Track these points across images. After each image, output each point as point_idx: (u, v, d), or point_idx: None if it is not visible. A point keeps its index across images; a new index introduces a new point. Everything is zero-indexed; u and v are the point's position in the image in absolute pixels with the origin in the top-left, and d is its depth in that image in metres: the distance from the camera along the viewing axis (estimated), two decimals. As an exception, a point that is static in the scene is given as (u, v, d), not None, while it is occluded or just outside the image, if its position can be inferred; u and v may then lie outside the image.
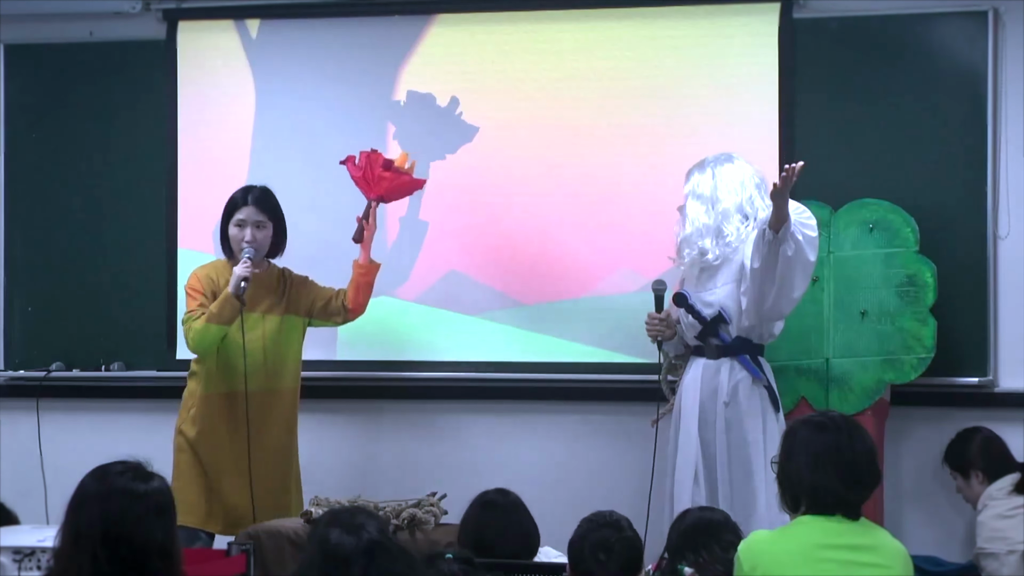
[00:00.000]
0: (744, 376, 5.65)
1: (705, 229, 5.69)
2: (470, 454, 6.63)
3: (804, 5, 6.40)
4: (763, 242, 5.43)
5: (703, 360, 5.72)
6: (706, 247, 5.68)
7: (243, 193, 6.04)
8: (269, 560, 5.67)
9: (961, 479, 6.00)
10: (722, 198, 5.70)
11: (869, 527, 4.06)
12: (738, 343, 5.69)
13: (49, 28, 7.01)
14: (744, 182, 5.74)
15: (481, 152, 6.63)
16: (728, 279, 5.69)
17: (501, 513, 4.75)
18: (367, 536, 3.42)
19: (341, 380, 6.74)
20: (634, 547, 4.12)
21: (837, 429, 4.07)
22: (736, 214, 5.70)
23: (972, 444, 5.99)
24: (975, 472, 5.95)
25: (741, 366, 5.67)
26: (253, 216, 5.99)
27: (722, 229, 5.68)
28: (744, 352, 5.69)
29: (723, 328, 5.69)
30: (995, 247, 6.24)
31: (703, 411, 5.64)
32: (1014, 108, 6.23)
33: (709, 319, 5.69)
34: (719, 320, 5.68)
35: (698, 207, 5.72)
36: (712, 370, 5.68)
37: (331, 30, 6.78)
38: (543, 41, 6.60)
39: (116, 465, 3.45)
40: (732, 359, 5.68)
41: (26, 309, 7.01)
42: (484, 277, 6.61)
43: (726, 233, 5.68)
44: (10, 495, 6.39)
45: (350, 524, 3.44)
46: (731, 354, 5.68)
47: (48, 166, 7.00)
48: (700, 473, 5.59)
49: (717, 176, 5.74)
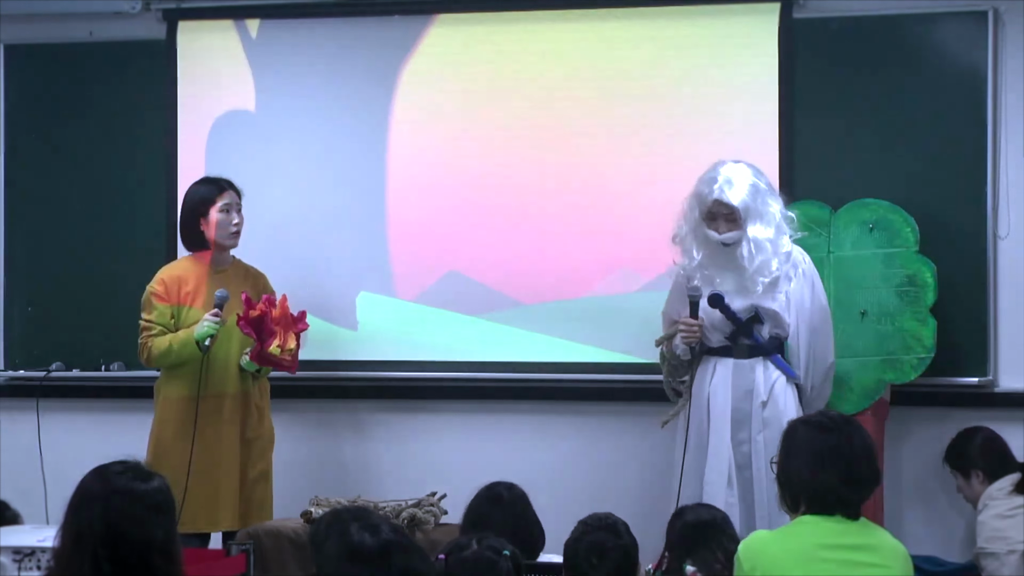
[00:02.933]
0: (780, 376, 5.62)
1: (771, 247, 5.59)
2: (470, 454, 6.62)
3: (804, 5, 6.40)
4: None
5: (732, 360, 5.66)
6: (774, 268, 5.60)
7: (216, 181, 6.09)
8: (269, 560, 5.67)
9: (961, 478, 6.00)
10: (771, 209, 5.62)
11: (869, 527, 4.06)
12: (771, 343, 5.65)
13: (49, 28, 7.01)
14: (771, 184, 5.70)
15: (481, 152, 6.62)
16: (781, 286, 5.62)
17: (506, 507, 4.73)
18: (385, 535, 3.43)
19: (341, 380, 6.74)
20: (628, 552, 4.11)
21: (837, 429, 4.07)
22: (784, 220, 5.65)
23: (973, 444, 5.99)
24: (975, 472, 5.94)
25: (775, 365, 5.63)
26: (237, 200, 6.03)
27: (779, 240, 5.62)
28: (776, 351, 5.65)
29: (757, 328, 5.65)
30: (995, 247, 6.24)
31: (735, 412, 5.58)
32: (1014, 108, 6.23)
33: (744, 319, 5.65)
34: (754, 320, 5.64)
35: (757, 228, 5.58)
36: (744, 370, 5.63)
37: (331, 30, 6.78)
38: (543, 41, 6.60)
39: (116, 465, 3.45)
40: (765, 359, 5.64)
41: (26, 309, 7.01)
42: (484, 277, 6.61)
43: (782, 244, 5.62)
44: (10, 495, 6.39)
45: (369, 522, 3.45)
46: (764, 354, 5.64)
47: (48, 166, 7.00)
48: (733, 476, 5.56)
49: (758, 185, 5.62)
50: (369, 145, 6.71)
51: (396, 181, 6.70)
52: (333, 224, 6.72)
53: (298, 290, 6.42)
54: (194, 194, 6.10)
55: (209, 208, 6.01)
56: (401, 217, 6.69)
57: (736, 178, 5.61)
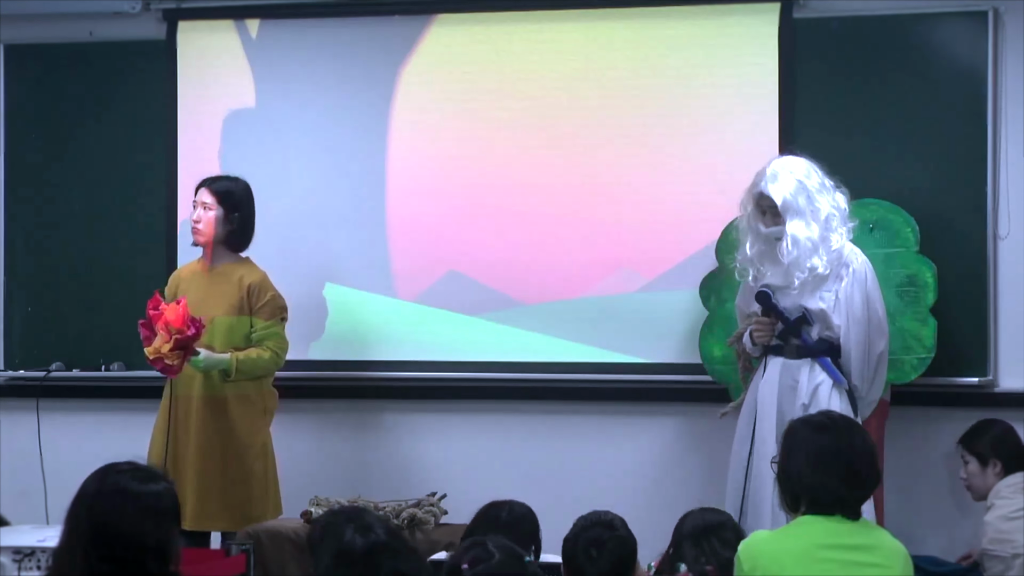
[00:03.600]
0: (825, 379, 5.58)
1: (811, 245, 5.54)
2: (470, 454, 6.63)
3: (804, 5, 6.40)
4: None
5: (781, 359, 5.63)
6: (816, 264, 5.55)
7: (208, 178, 6.15)
8: (269, 560, 5.67)
9: (977, 465, 5.91)
10: (820, 205, 5.58)
11: (869, 527, 4.06)
12: (820, 345, 5.62)
13: (49, 28, 7.01)
14: (823, 181, 5.63)
15: (481, 152, 6.62)
16: (830, 286, 5.59)
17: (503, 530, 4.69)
18: (376, 537, 3.43)
19: (341, 380, 6.74)
20: (626, 546, 4.12)
21: (837, 429, 4.07)
22: (833, 217, 5.60)
23: (996, 432, 5.91)
24: (994, 462, 5.87)
25: (822, 368, 5.61)
26: (203, 198, 6.06)
27: (827, 237, 5.57)
28: (826, 355, 5.61)
29: (806, 329, 5.62)
30: (995, 247, 6.24)
31: (780, 411, 5.54)
32: (1014, 108, 6.23)
33: (793, 320, 5.63)
34: (803, 321, 5.61)
35: (797, 224, 5.54)
36: (792, 370, 5.60)
37: (331, 30, 6.78)
38: (543, 41, 6.60)
39: (122, 464, 3.45)
40: (813, 361, 5.61)
41: (26, 309, 7.01)
42: (484, 277, 6.61)
43: (832, 241, 5.58)
44: (10, 495, 6.41)
45: (361, 524, 3.45)
46: (812, 355, 5.62)
47: (48, 166, 7.00)
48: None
49: (802, 182, 5.58)
50: (369, 145, 6.71)
51: (396, 181, 6.70)
52: (333, 224, 6.72)
53: (297, 290, 6.43)
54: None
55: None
56: (401, 217, 6.69)
57: (783, 173, 5.60)
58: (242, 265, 6.13)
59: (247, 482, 6.01)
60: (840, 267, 5.62)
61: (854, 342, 5.61)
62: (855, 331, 5.60)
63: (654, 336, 6.41)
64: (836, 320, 5.59)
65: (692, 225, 6.39)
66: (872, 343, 5.64)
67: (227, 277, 6.07)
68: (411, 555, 3.50)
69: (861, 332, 5.61)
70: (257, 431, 6.06)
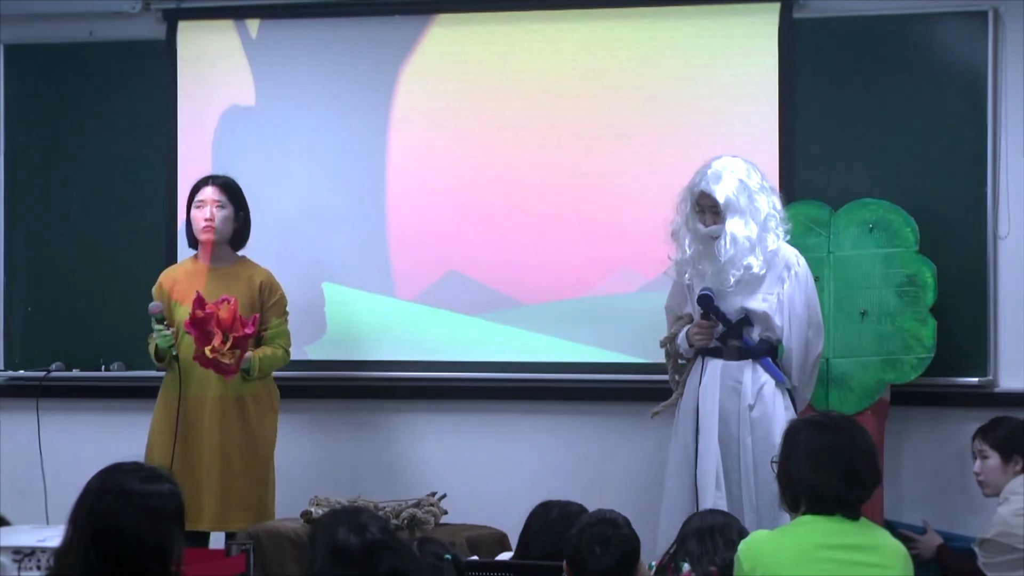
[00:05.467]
0: (768, 379, 5.59)
1: (749, 244, 5.55)
2: (470, 454, 6.63)
3: (804, 5, 6.40)
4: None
5: (720, 361, 5.64)
6: (751, 263, 5.55)
7: (206, 178, 6.15)
8: (269, 560, 5.67)
9: (998, 460, 5.82)
10: (759, 206, 5.58)
11: (869, 527, 4.06)
12: (762, 346, 5.63)
13: (49, 28, 7.01)
14: (763, 183, 5.64)
15: (481, 152, 6.62)
16: (771, 287, 5.60)
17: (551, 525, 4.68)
18: (371, 536, 3.43)
19: (340, 380, 6.74)
20: (629, 543, 4.12)
21: (837, 429, 4.07)
22: (771, 218, 5.61)
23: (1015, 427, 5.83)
24: (1017, 457, 5.80)
25: (764, 369, 5.61)
26: (212, 196, 6.05)
27: (763, 238, 5.58)
28: (766, 355, 5.62)
29: (747, 331, 5.63)
30: (995, 247, 6.24)
31: (723, 413, 5.56)
32: (1014, 108, 6.23)
33: (734, 321, 5.63)
34: (744, 322, 5.62)
35: (736, 223, 5.55)
36: (732, 371, 5.60)
37: (331, 30, 6.78)
38: (543, 41, 6.60)
39: (127, 464, 3.45)
40: (754, 362, 5.62)
41: (26, 309, 7.01)
42: (484, 277, 6.61)
43: (768, 242, 5.59)
44: (10, 495, 6.41)
45: (356, 523, 3.45)
46: (753, 356, 5.63)
47: (48, 166, 7.00)
48: (721, 476, 5.54)
49: (744, 182, 5.58)
50: (369, 145, 6.71)
51: (396, 181, 6.70)
52: (332, 224, 6.72)
53: (297, 289, 6.43)
54: (190, 193, 6.15)
55: (191, 205, 6.08)
56: (401, 217, 6.69)
57: (724, 172, 5.59)
58: (246, 264, 6.14)
59: (265, 481, 6.07)
60: (782, 269, 5.62)
61: (795, 343, 5.62)
62: (796, 332, 5.62)
63: (654, 336, 6.37)
64: (778, 321, 5.60)
65: (692, 225, 6.39)
66: (811, 344, 5.65)
67: (235, 276, 6.07)
68: (409, 554, 3.50)
69: (802, 333, 5.62)
70: (271, 429, 6.11)
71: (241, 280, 6.07)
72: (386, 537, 3.46)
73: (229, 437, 5.98)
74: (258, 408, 6.06)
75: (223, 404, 5.98)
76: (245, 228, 6.16)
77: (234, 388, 5.98)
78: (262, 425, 6.07)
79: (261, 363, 5.97)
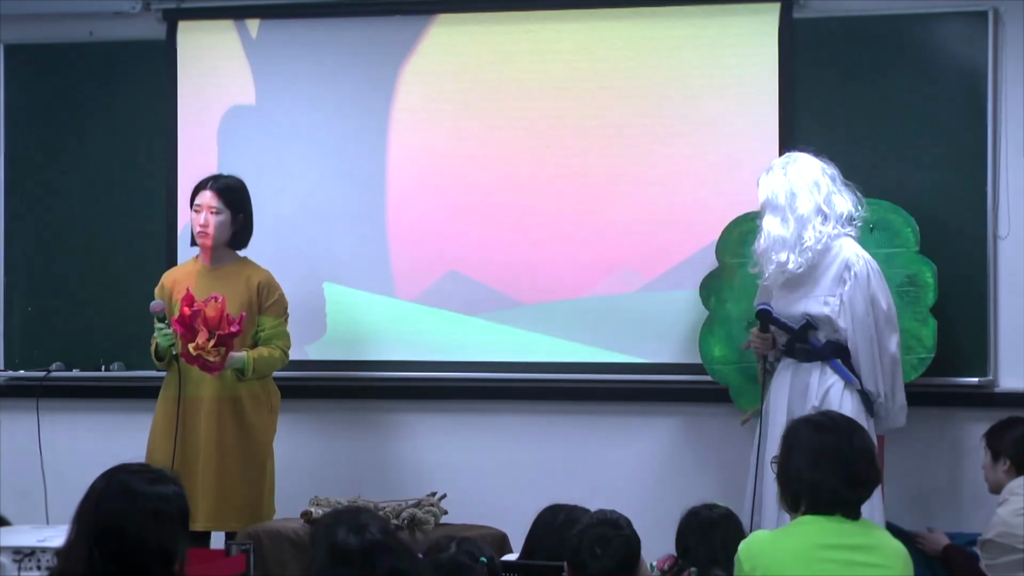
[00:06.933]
0: (836, 380, 5.60)
1: (781, 241, 5.58)
2: (470, 454, 6.63)
3: (804, 5, 6.40)
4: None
5: (793, 362, 5.66)
6: (783, 259, 5.59)
7: (206, 180, 6.13)
8: (269, 560, 5.67)
9: (990, 459, 5.88)
10: (799, 204, 5.61)
11: (869, 527, 4.06)
12: (829, 348, 5.63)
13: (49, 28, 7.01)
14: (818, 181, 5.66)
15: (481, 152, 6.62)
16: (824, 291, 5.61)
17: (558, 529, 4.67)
18: (371, 536, 3.43)
19: (341, 380, 6.74)
20: (630, 545, 4.12)
21: (837, 429, 4.07)
22: (815, 217, 5.62)
23: (1013, 431, 5.88)
24: (1004, 459, 5.85)
25: (833, 370, 5.61)
26: (209, 201, 6.04)
27: (802, 236, 5.59)
28: (835, 356, 5.62)
29: (812, 334, 5.64)
30: (995, 247, 6.24)
31: (791, 413, 5.53)
32: (1014, 108, 6.23)
33: (797, 328, 5.64)
34: (807, 327, 5.63)
35: (772, 219, 5.61)
36: (803, 372, 5.63)
37: (331, 30, 6.78)
38: (543, 41, 6.60)
39: (133, 465, 3.45)
40: (823, 363, 5.63)
41: (26, 309, 7.01)
42: (484, 277, 6.61)
43: (805, 239, 5.59)
44: (10, 495, 6.40)
45: (355, 523, 3.45)
46: (822, 358, 5.63)
47: (48, 166, 7.00)
48: None
49: (790, 180, 5.63)
50: (369, 145, 6.71)
51: (396, 181, 6.70)
52: (333, 223, 6.72)
53: (297, 289, 6.42)
54: (191, 193, 6.15)
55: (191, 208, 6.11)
56: (401, 217, 6.69)
57: (772, 170, 5.69)
58: (246, 264, 6.14)
59: (260, 481, 6.06)
60: (842, 270, 5.63)
61: (860, 343, 5.61)
62: (861, 333, 5.61)
63: (654, 336, 6.41)
64: (842, 323, 5.60)
65: (692, 225, 6.39)
66: (882, 342, 5.64)
67: (233, 276, 6.07)
68: (408, 554, 3.50)
69: (866, 334, 5.61)
70: (267, 429, 6.10)
71: (240, 280, 6.07)
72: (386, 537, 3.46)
73: (224, 437, 5.98)
74: (255, 408, 6.05)
75: (219, 404, 5.98)
76: (245, 229, 6.15)
77: (230, 388, 5.98)
78: (260, 425, 6.07)
79: (256, 363, 5.96)
